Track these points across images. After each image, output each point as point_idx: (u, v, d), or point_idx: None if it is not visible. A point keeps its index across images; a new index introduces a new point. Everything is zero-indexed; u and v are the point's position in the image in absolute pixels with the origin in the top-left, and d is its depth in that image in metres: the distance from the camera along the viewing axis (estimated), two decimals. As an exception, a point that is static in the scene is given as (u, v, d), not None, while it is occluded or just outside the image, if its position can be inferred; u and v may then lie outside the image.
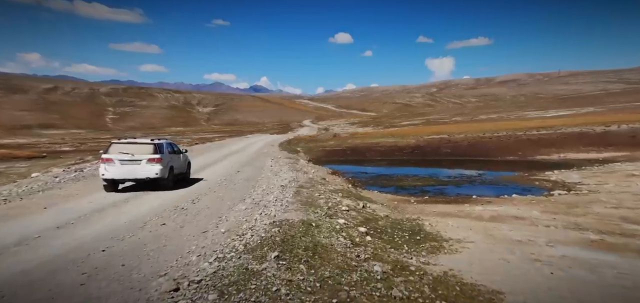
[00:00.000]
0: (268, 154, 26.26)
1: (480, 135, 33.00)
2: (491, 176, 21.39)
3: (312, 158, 28.41)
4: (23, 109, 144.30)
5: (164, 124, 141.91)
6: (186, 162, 15.54)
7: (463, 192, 17.33)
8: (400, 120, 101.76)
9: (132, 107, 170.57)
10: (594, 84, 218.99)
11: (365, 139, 35.56)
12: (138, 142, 13.33)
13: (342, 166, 27.08)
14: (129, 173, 12.49)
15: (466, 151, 29.89)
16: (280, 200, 10.65)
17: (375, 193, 16.48)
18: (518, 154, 27.77)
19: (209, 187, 13.08)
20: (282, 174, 16.25)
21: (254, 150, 29.18)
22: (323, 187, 13.95)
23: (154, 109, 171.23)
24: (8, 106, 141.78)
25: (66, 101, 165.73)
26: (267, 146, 33.33)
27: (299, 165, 21.33)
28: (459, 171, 24.36)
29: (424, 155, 30.38)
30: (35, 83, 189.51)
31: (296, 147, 32.76)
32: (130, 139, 13.73)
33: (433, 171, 24.56)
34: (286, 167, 18.91)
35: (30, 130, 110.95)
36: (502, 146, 29.61)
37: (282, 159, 23.22)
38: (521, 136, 30.94)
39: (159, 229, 8.00)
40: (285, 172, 16.94)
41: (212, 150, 30.03)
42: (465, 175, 21.99)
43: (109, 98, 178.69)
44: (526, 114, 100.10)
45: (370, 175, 22.37)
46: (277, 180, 14.50)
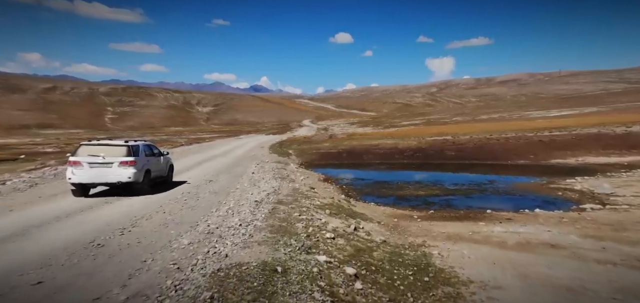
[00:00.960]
0: (255, 158, 23.63)
1: (487, 137, 30.29)
2: (504, 183, 18.74)
3: (305, 162, 25.76)
4: (21, 108, 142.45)
5: (163, 124, 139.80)
6: (167, 165, 14.76)
7: (474, 203, 14.69)
8: (400, 120, 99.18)
9: (132, 106, 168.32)
10: (594, 83, 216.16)
11: (363, 140, 32.88)
12: (110, 143, 12.42)
13: (337, 170, 24.46)
14: (99, 177, 11.60)
15: (472, 154, 27.21)
16: (247, 224, 8.02)
17: (371, 207, 13.85)
18: (530, 158, 25.07)
19: (161, 205, 10.39)
20: (262, 184, 13.62)
21: (240, 153, 26.56)
22: (308, 202, 11.32)
23: (153, 108, 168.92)
24: (6, 106, 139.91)
25: (65, 101, 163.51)
26: (257, 148, 30.65)
27: (287, 171, 18.69)
28: (465, 177, 21.71)
29: (426, 159, 27.72)
30: (34, 83, 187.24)
31: (288, 149, 30.06)
32: (101, 141, 12.75)
33: (437, 177, 21.92)
34: (270, 174, 16.28)
35: (28, 130, 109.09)
36: (512, 148, 26.91)
37: (269, 164, 20.60)
38: (532, 137, 28.23)
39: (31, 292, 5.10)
40: (267, 182, 14.31)
41: (196, 152, 27.42)
42: (473, 182, 19.35)
43: (108, 98, 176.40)
44: (528, 113, 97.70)
45: (367, 181, 19.73)
46: (253, 192, 11.86)
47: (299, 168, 21.66)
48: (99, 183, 11.84)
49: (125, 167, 11.71)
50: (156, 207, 10.07)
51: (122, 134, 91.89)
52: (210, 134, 76.86)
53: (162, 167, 14.16)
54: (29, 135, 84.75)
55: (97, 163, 11.57)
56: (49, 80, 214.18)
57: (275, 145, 33.54)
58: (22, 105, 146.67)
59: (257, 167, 18.58)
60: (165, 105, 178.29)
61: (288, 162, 23.23)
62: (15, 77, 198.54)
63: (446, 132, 36.05)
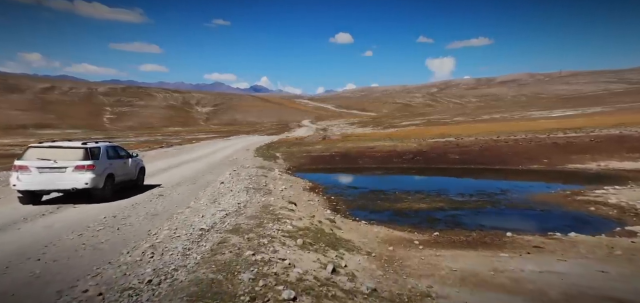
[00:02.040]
0: (235, 162, 20.79)
1: (494, 139, 27.37)
2: (518, 193, 15.85)
3: (292, 166, 22.89)
4: (19, 108, 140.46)
5: (162, 124, 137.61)
6: (137, 168, 13.57)
7: (488, 221, 11.84)
8: (400, 121, 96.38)
9: (130, 106, 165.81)
10: (595, 84, 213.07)
11: (358, 142, 29.97)
12: (63, 145, 11.21)
13: (328, 176, 21.61)
14: (49, 183, 10.38)
15: (478, 158, 24.32)
16: (160, 281, 5.14)
17: (361, 228, 10.99)
18: (543, 162, 22.16)
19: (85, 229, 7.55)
20: (225, 200, 10.77)
21: (220, 157, 23.73)
22: (276, 227, 8.46)
23: (152, 108, 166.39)
24: (4, 106, 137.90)
25: (63, 101, 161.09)
26: (242, 151, 27.74)
27: (267, 178, 15.86)
28: (473, 184, 18.84)
29: (427, 162, 24.82)
30: (33, 82, 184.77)
31: (276, 152, 27.11)
32: (54, 142, 11.55)
33: (440, 184, 19.05)
34: (243, 184, 13.43)
35: (26, 130, 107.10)
36: (522, 151, 24.02)
37: (248, 170, 17.76)
38: (544, 139, 25.33)
39: None
40: (234, 195, 11.47)
41: (173, 155, 24.57)
42: (482, 191, 16.48)
43: (107, 98, 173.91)
44: (530, 114, 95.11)
45: (360, 191, 16.88)
46: (206, 214, 8.96)
47: (284, 174, 18.83)
48: (50, 190, 10.62)
49: (82, 171, 10.48)
50: (80, 228, 7.20)
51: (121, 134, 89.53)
52: (208, 134, 74.57)
53: (129, 170, 12.94)
54: (26, 135, 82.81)
55: (47, 168, 10.33)
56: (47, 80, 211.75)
57: (263, 147, 30.61)
58: (20, 105, 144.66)
59: (232, 174, 15.72)
60: (164, 105, 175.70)
61: (272, 167, 20.40)
62: (14, 76, 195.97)
63: (449, 133, 33.17)
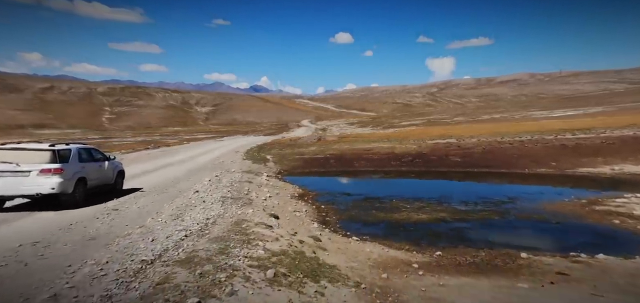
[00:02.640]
0: (221, 166, 19.22)
1: (498, 140, 25.75)
2: (529, 201, 14.26)
3: (283, 170, 21.28)
4: (18, 108, 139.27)
5: (161, 124, 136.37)
6: (114, 171, 12.68)
7: (497, 237, 10.27)
8: (400, 121, 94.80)
9: (130, 106, 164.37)
10: (595, 83, 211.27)
11: (355, 143, 28.33)
12: (28, 147, 10.49)
13: (320, 180, 20.03)
14: (11, 188, 9.56)
15: (481, 160, 22.71)
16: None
17: (351, 246, 9.40)
18: (552, 165, 20.54)
19: None
20: (192, 215, 9.15)
21: (206, 159, 22.12)
22: (244, 252, 6.85)
23: (152, 108, 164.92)
24: (3, 105, 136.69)
25: (62, 101, 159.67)
26: (232, 153, 26.11)
27: (252, 185, 14.29)
28: (477, 190, 17.25)
29: (427, 165, 23.21)
30: (32, 82, 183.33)
31: (267, 154, 25.48)
32: (17, 144, 10.94)
33: (441, 190, 17.48)
34: (221, 193, 11.86)
35: (24, 129, 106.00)
36: (528, 154, 22.40)
37: (232, 174, 16.19)
38: (551, 141, 23.70)
39: None
40: (206, 207, 9.89)
41: (154, 158, 22.96)
42: (488, 198, 14.89)
43: (106, 97, 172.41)
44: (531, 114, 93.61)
45: (354, 198, 15.29)
46: (157, 237, 7.22)
47: (272, 179, 17.25)
48: (13, 196, 9.77)
49: (48, 175, 9.64)
50: None
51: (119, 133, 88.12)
52: (207, 134, 73.46)
53: (105, 174, 12.07)
54: (24, 135, 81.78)
55: (8, 171, 9.53)
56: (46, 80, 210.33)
57: (255, 148, 28.96)
58: (19, 105, 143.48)
59: (211, 181, 14.14)
60: (163, 105, 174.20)
61: (261, 171, 18.82)
62: (12, 76, 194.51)
63: (450, 134, 31.53)
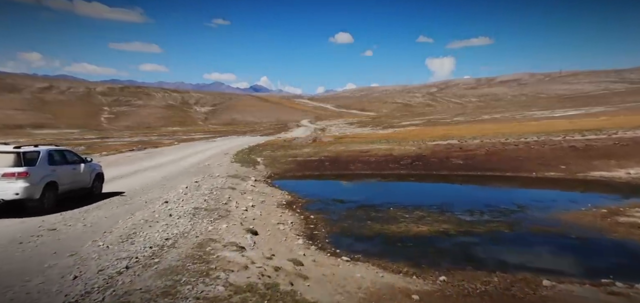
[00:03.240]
0: (205, 169, 17.76)
1: (502, 141, 24.25)
2: (540, 211, 12.77)
3: (274, 173, 19.79)
4: (16, 108, 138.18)
5: (160, 124, 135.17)
6: (91, 174, 11.91)
7: (511, 256, 8.81)
8: (400, 121, 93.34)
9: (129, 106, 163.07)
10: (595, 83, 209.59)
11: (351, 144, 26.81)
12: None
13: (313, 185, 18.57)
14: None
15: (485, 163, 21.21)
16: None
17: (340, 267, 7.90)
18: (561, 169, 19.04)
19: None
20: (147, 235, 7.66)
21: (191, 162, 20.66)
22: (197, 290, 5.39)
23: (151, 108, 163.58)
24: (1, 105, 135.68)
25: (61, 100, 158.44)
26: (221, 155, 24.63)
27: (234, 193, 12.82)
28: (482, 196, 15.76)
29: (427, 168, 21.69)
30: (31, 82, 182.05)
31: (257, 157, 23.97)
32: None
33: (443, 196, 16.01)
34: (191, 205, 10.39)
35: (22, 129, 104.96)
36: (535, 156, 20.91)
37: (215, 180, 14.74)
38: (560, 142, 22.22)
39: None
40: (166, 226, 8.41)
41: (135, 160, 21.50)
42: (495, 206, 13.41)
43: (105, 97, 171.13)
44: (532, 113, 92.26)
45: (347, 206, 13.80)
46: (80, 273, 5.74)
47: (260, 184, 15.79)
48: None
49: (11, 180, 8.95)
50: None
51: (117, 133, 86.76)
52: (205, 134, 72.58)
53: (81, 177, 11.37)
54: (22, 135, 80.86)
55: None
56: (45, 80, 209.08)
57: (245, 150, 27.46)
58: (17, 105, 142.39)
59: (188, 188, 12.68)
60: (162, 104, 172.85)
61: (248, 175, 17.36)
62: (11, 76, 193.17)
63: (451, 135, 30.02)
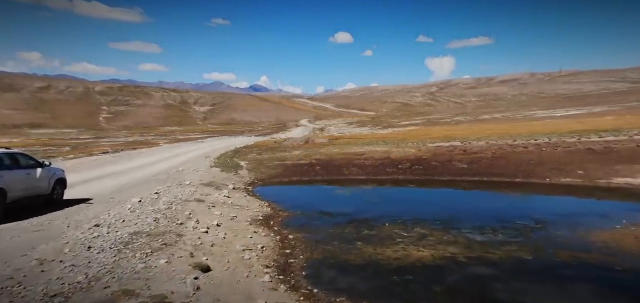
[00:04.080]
0: (174, 177, 15.61)
1: (510, 143, 22.08)
2: (566, 228, 10.61)
3: (257, 179, 17.65)
4: (13, 108, 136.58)
5: (159, 124, 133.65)
6: (51, 180, 10.74)
7: (543, 299, 6.69)
8: (399, 121, 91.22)
9: (127, 106, 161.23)
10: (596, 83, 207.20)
11: (346, 146, 24.55)
12: None
13: (300, 193, 16.44)
14: None
15: (492, 168, 19.05)
16: None
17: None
18: (579, 175, 16.88)
19: None
20: (25, 289, 5.64)
21: (164, 168, 18.50)
22: None
23: (150, 108, 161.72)
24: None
25: (59, 100, 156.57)
26: (201, 159, 22.38)
27: (201, 206, 10.70)
28: (492, 208, 13.61)
29: (428, 173, 19.52)
30: (29, 82, 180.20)
31: (242, 160, 21.75)
32: None
33: (447, 207, 13.86)
34: (133, 227, 8.28)
35: (20, 129, 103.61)
36: (548, 160, 18.75)
37: (183, 189, 12.63)
38: (574, 144, 20.04)
39: None
40: (75, 267, 6.36)
41: (104, 164, 19.37)
42: (510, 222, 11.26)
43: (103, 97, 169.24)
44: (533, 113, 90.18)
45: (335, 222, 11.66)
46: None
47: (237, 194, 13.67)
48: None
49: None
50: None
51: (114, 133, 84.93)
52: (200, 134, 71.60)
53: (37, 184, 10.30)
54: (20, 135, 79.69)
55: None
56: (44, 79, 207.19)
57: (230, 153, 25.27)
58: (15, 105, 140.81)
59: (144, 200, 10.56)
60: (162, 104, 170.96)
61: (226, 183, 15.23)
62: (9, 76, 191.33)
63: (453, 136, 27.82)
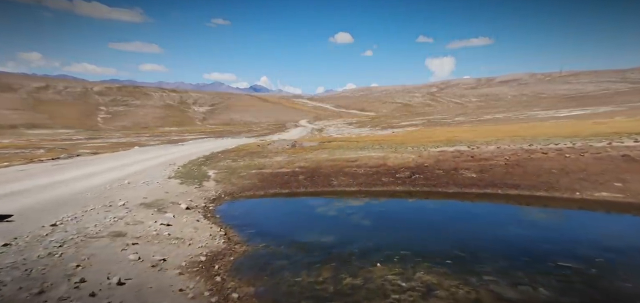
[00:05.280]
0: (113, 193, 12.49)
1: (525, 148, 18.79)
2: (632, 270, 7.47)
3: (226, 192, 14.44)
4: (10, 107, 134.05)
5: (157, 124, 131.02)
6: None
7: None
8: (399, 121, 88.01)
9: (126, 106, 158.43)
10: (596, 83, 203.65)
11: (337, 151, 21.20)
12: None
13: (273, 209, 13.28)
14: None
15: (506, 177, 15.82)
16: None
17: None
18: (616, 187, 13.67)
19: None
20: None
21: (108, 178, 15.33)
22: None
23: (148, 108, 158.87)
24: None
25: (57, 100, 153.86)
26: (163, 167, 19.00)
27: (113, 245, 7.55)
28: (514, 235, 10.44)
29: (430, 184, 16.30)
30: (27, 81, 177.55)
31: (211, 169, 18.28)
32: None
33: (457, 231, 10.68)
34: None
35: (16, 129, 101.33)
36: (574, 169, 15.56)
37: (106, 213, 9.52)
38: (605, 149, 16.85)
39: None
40: None
41: (35, 175, 16.24)
42: (545, 258, 8.09)
43: (102, 97, 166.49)
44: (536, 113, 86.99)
45: (308, 259, 8.50)
46: None
47: (188, 216, 10.53)
48: None
49: None
50: None
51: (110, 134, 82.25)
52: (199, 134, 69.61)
53: None
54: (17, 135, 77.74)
55: None
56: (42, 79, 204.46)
57: (201, 159, 21.94)
58: (12, 104, 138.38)
59: (43, 230, 7.52)
60: (160, 104, 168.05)
61: (178, 200, 12.08)
62: (7, 75, 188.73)
63: (458, 139, 24.52)
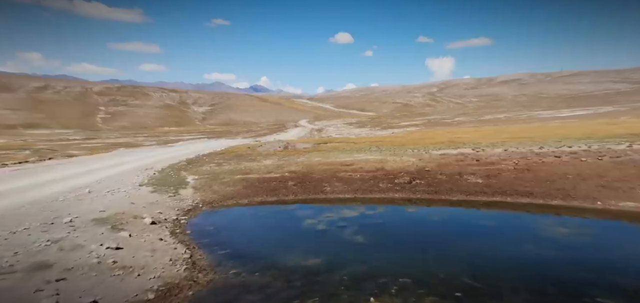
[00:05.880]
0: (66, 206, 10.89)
1: (536, 151, 17.14)
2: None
3: (204, 201, 12.83)
4: (9, 107, 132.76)
5: (157, 124, 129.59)
6: None
7: None
8: (399, 121, 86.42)
9: (125, 106, 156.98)
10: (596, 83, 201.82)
11: (331, 154, 19.56)
12: None
13: (256, 221, 11.69)
14: None
15: (516, 183, 14.21)
16: None
17: None
18: (642, 197, 12.12)
19: None
20: None
21: (83, 182, 13.71)
22: None
23: (148, 108, 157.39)
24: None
25: (56, 100, 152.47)
26: (139, 171, 17.28)
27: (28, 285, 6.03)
28: (535, 257, 8.82)
29: (432, 190, 14.69)
30: (26, 81, 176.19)
31: (191, 174, 16.53)
32: None
33: (466, 255, 9.09)
34: None
35: (14, 129, 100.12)
36: (591, 174, 13.96)
37: (49, 231, 7.97)
38: (625, 152, 15.18)
39: None
40: None
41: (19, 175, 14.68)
42: (580, 294, 6.53)
43: (101, 97, 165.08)
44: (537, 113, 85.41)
45: (286, 293, 6.94)
46: None
47: (151, 233, 8.95)
48: None
49: None
50: None
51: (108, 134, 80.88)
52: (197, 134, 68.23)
53: None
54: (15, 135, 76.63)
55: None
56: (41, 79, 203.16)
57: (183, 163, 20.28)
58: (11, 104, 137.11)
59: None
60: (160, 104, 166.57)
61: (144, 212, 10.49)
62: (6, 75, 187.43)
63: (461, 140, 22.85)
